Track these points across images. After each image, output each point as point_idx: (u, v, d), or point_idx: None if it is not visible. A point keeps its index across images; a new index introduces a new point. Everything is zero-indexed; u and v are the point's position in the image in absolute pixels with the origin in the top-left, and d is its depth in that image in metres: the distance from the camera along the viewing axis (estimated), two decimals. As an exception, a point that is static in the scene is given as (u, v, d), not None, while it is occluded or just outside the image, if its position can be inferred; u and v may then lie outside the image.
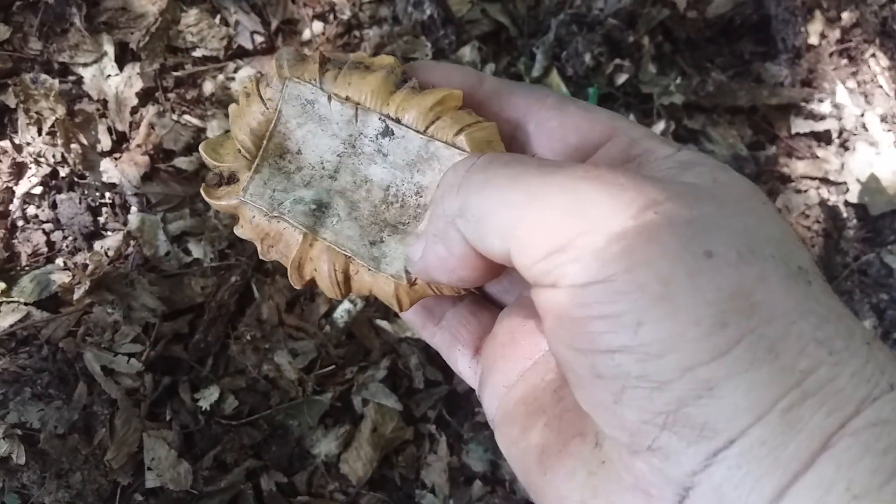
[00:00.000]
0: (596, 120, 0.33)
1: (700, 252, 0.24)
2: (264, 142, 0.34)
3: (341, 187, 0.34)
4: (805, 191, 1.28)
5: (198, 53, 1.17)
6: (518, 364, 0.34)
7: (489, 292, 0.39)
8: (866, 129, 1.32)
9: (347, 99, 0.33)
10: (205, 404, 1.01)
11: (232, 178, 0.35)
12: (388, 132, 0.33)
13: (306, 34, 1.21)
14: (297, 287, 0.35)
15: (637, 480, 0.25)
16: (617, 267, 0.24)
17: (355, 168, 0.34)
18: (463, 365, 0.38)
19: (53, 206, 1.07)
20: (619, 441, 0.25)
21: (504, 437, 0.32)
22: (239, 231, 0.35)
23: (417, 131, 0.33)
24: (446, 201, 0.29)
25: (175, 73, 1.16)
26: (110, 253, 1.05)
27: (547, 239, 0.25)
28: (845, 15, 1.37)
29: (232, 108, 0.35)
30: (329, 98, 0.33)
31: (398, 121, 0.33)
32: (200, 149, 0.35)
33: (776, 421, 0.22)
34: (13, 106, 1.08)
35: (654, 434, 0.24)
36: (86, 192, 1.08)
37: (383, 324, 1.10)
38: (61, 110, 1.08)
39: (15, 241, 1.05)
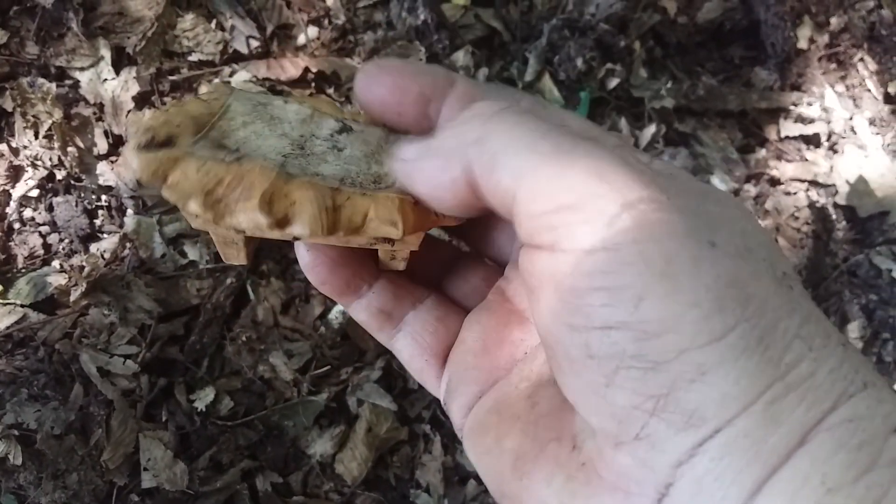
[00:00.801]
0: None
1: (705, 240, 0.25)
2: (204, 129, 0.30)
3: None
4: (795, 193, 1.29)
5: (194, 58, 1.18)
6: (490, 374, 0.34)
7: (454, 296, 0.39)
8: (855, 133, 1.33)
9: (304, 102, 0.32)
10: (200, 405, 1.02)
11: (168, 141, 0.29)
12: (345, 129, 0.32)
13: (301, 39, 1.22)
14: (245, 243, 0.33)
15: (617, 478, 0.25)
16: (626, 237, 0.24)
17: (304, 167, 0.30)
18: (429, 375, 0.37)
19: (50, 208, 1.08)
20: (604, 431, 0.25)
21: (476, 447, 0.32)
22: (170, 189, 0.28)
23: (377, 125, 0.33)
24: (467, 127, 0.28)
25: (171, 78, 1.17)
26: (106, 255, 1.06)
27: (562, 192, 0.25)
28: (834, 20, 1.39)
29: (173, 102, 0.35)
30: (286, 100, 0.32)
31: (356, 122, 0.33)
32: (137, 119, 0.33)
33: (760, 413, 0.23)
34: (10, 109, 1.08)
35: (642, 420, 0.24)
36: (82, 194, 1.09)
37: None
38: (58, 114, 1.08)
39: (11, 243, 1.06)
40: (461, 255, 0.40)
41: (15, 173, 1.07)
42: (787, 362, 0.24)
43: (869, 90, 1.37)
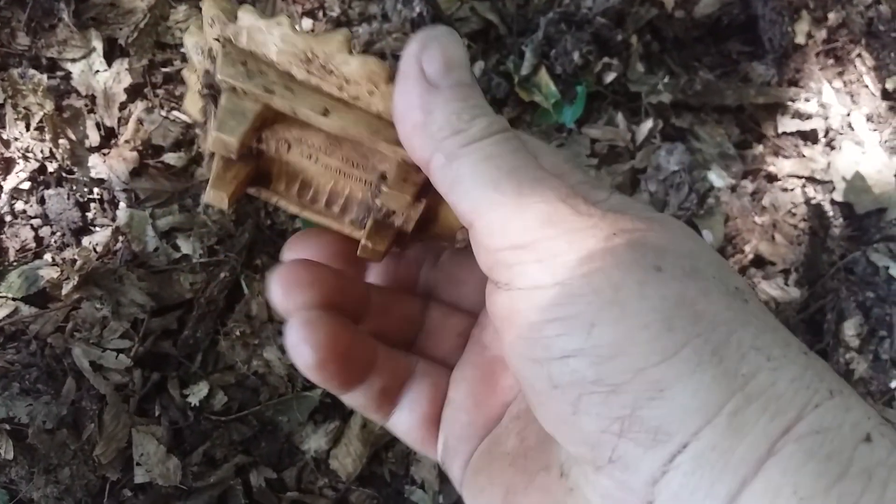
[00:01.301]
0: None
1: (650, 266, 0.26)
2: None
3: None
4: (792, 189, 1.28)
5: (187, 49, 1.17)
6: (484, 427, 0.35)
7: (434, 355, 0.38)
8: (852, 129, 1.33)
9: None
10: (194, 400, 1.01)
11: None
12: None
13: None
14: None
15: (603, 500, 0.26)
16: (574, 272, 0.26)
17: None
18: (428, 442, 0.36)
19: (41, 201, 1.07)
20: (582, 458, 0.26)
21: (470, 489, 0.33)
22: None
23: None
24: (445, 132, 0.28)
25: (164, 69, 1.16)
26: (98, 248, 1.05)
27: (516, 233, 0.27)
28: (832, 15, 1.38)
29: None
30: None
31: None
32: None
33: (724, 424, 0.23)
34: (1, 101, 1.07)
35: (612, 443, 0.25)
36: (74, 187, 1.08)
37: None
38: (49, 106, 1.07)
39: (3, 236, 1.05)
40: (429, 308, 0.40)
41: (6, 165, 1.06)
42: (744, 373, 0.24)
43: (867, 86, 1.36)
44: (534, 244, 0.26)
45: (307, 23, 1.22)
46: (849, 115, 1.34)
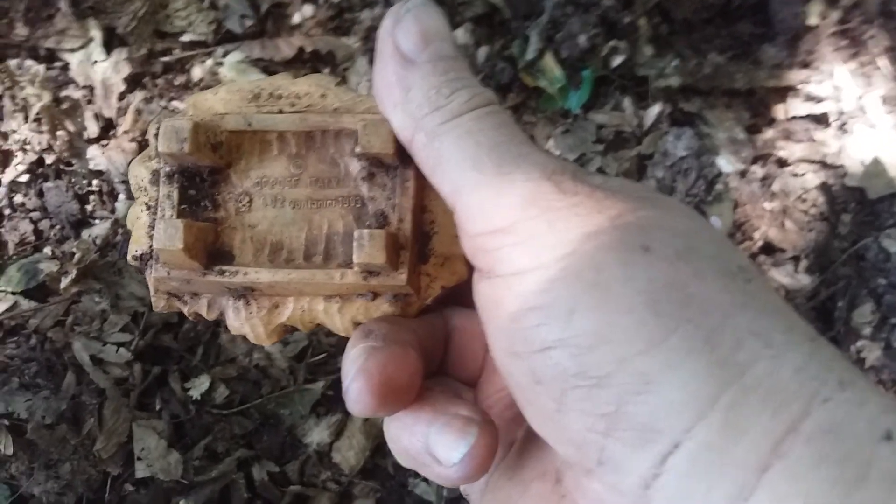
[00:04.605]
0: None
1: (636, 245, 0.23)
2: None
3: None
4: (803, 174, 1.26)
5: (186, 38, 1.16)
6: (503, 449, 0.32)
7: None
8: (865, 112, 1.30)
9: None
10: (195, 393, 1.01)
11: None
12: None
13: (296, 18, 1.20)
14: None
15: None
16: (553, 255, 0.24)
17: None
18: None
19: (40, 194, 1.06)
20: (571, 461, 0.25)
21: None
22: None
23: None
24: (425, 109, 0.27)
25: (163, 59, 1.15)
26: (98, 241, 1.04)
27: (496, 216, 0.25)
28: (845, -5, 1.35)
29: None
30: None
31: None
32: None
33: (719, 421, 0.21)
34: (-2, 93, 1.06)
35: (599, 443, 0.23)
36: (73, 179, 1.07)
37: (375, 311, 1.09)
38: (47, 97, 1.06)
39: (2, 229, 1.04)
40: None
41: (4, 158, 1.06)
42: (740, 362, 0.22)
43: (880, 68, 1.33)
44: (514, 226, 0.24)
45: (308, 9, 1.21)
46: (862, 97, 1.31)
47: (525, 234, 0.24)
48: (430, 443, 0.27)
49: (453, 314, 0.34)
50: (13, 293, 1.01)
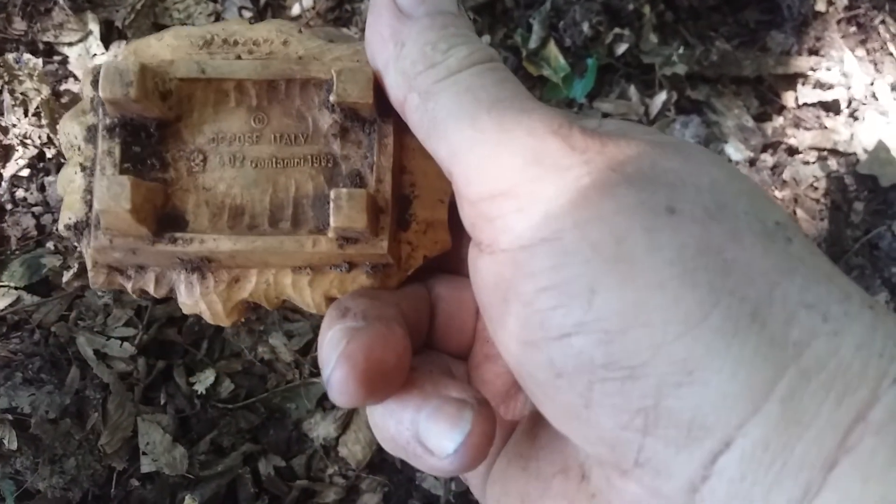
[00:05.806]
0: None
1: (661, 207, 0.20)
2: None
3: None
4: (813, 162, 1.25)
5: (187, 30, 1.15)
6: (501, 438, 0.29)
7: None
8: (876, 98, 1.28)
9: None
10: (200, 388, 1.00)
11: None
12: None
13: (296, 8, 1.18)
14: None
15: None
16: (565, 222, 0.20)
17: None
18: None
19: (41, 188, 1.05)
20: (602, 460, 0.22)
21: (489, 502, 0.28)
22: None
23: None
24: (419, 66, 0.24)
25: (164, 51, 1.14)
26: (101, 235, 1.03)
27: (496, 178, 0.22)
28: (854, -20, 1.33)
29: None
30: None
31: None
32: None
33: (777, 413, 0.18)
34: (-2, 87, 1.06)
35: (637, 443, 0.20)
36: (75, 173, 1.06)
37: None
38: (46, 91, 1.05)
39: (4, 224, 1.03)
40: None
41: (5, 153, 1.05)
42: (794, 341, 0.19)
43: (891, 54, 1.32)
44: (516, 188, 0.21)
45: (308, 0, 1.19)
46: (872, 84, 1.29)
47: (529, 197, 0.21)
48: (419, 431, 0.24)
49: (436, 282, 0.30)
50: (16, 288, 1.00)
